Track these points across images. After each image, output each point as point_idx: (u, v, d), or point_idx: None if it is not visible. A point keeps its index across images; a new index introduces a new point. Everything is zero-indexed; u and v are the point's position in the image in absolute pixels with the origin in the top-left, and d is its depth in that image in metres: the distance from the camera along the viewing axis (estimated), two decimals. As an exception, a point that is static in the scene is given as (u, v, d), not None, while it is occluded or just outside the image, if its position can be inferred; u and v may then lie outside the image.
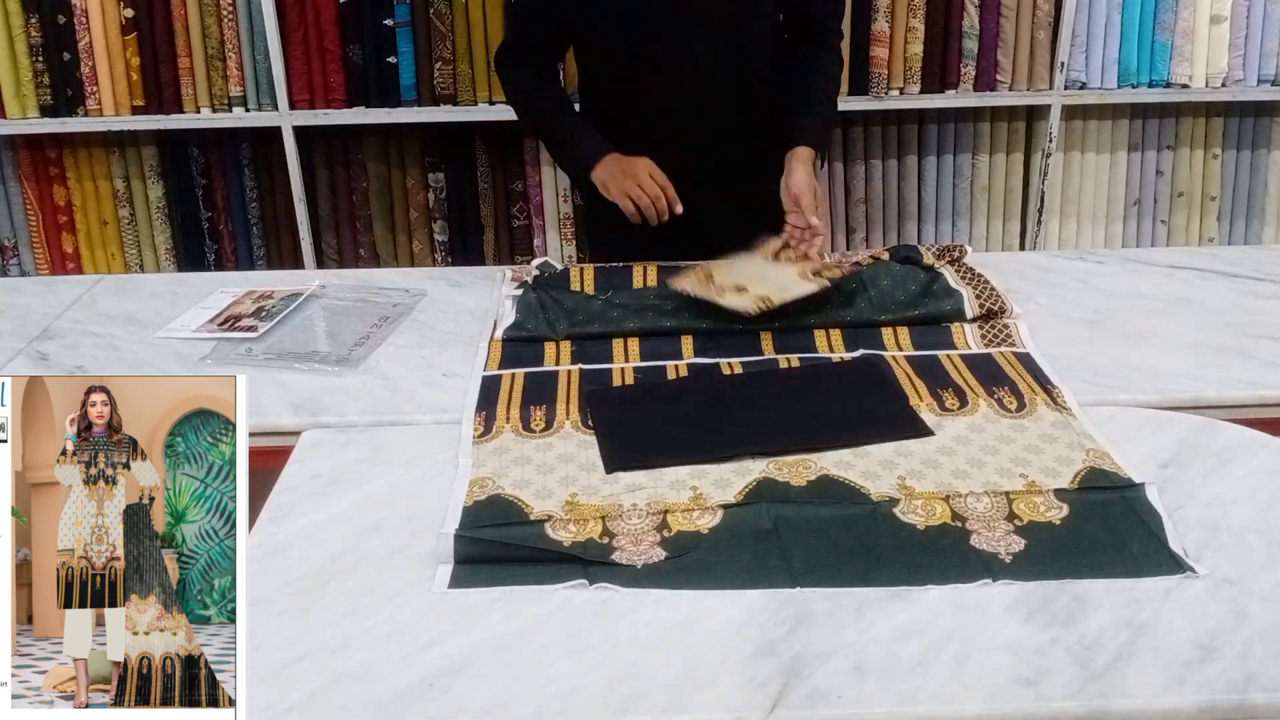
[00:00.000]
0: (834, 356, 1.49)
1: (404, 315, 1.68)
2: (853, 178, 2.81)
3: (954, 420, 1.31)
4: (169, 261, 2.86)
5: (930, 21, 2.64)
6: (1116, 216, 2.87)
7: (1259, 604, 1.00)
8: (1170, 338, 1.54)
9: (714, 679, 0.93)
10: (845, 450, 1.24)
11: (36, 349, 1.60)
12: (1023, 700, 0.90)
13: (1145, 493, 1.15)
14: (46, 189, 2.82)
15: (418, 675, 0.94)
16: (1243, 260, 1.83)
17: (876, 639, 0.96)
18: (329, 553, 1.11)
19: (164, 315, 1.70)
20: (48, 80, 2.65)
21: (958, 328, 1.55)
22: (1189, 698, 0.90)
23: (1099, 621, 0.98)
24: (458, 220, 2.84)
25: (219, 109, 2.68)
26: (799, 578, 1.04)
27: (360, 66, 2.65)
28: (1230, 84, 2.69)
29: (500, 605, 1.02)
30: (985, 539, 1.09)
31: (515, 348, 1.53)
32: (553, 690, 0.92)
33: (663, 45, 1.75)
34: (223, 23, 2.62)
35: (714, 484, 1.19)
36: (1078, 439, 1.26)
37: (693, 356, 1.50)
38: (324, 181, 2.82)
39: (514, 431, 1.32)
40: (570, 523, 1.13)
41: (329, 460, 1.29)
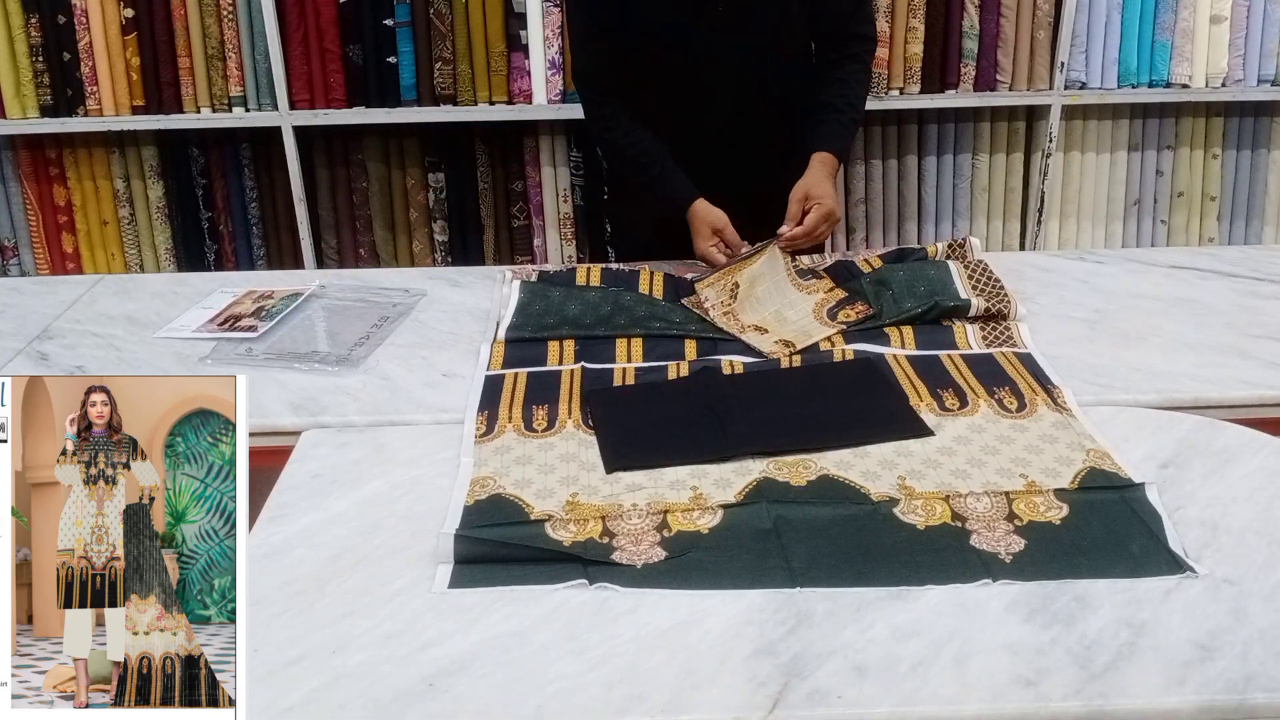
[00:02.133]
0: (835, 352, 1.49)
1: (404, 315, 1.68)
2: (853, 178, 2.81)
3: (954, 420, 1.31)
4: (169, 261, 2.86)
5: (930, 21, 2.64)
6: (1116, 216, 2.87)
7: (1259, 604, 1.00)
8: (1170, 338, 1.54)
9: (714, 679, 0.93)
10: (845, 450, 1.24)
11: (36, 349, 1.60)
12: (1023, 700, 0.90)
13: (1145, 493, 1.15)
14: (46, 189, 2.82)
15: (418, 675, 0.94)
16: (1243, 260, 1.83)
17: (876, 639, 0.96)
18: (329, 553, 1.11)
19: (164, 315, 1.70)
20: (48, 80, 2.64)
21: (959, 327, 1.55)
22: (1189, 698, 0.90)
23: (1099, 621, 0.98)
24: (458, 220, 2.84)
25: (219, 109, 2.68)
26: (799, 578, 1.04)
27: (360, 66, 2.64)
28: (1230, 84, 2.69)
29: (500, 605, 1.02)
30: (985, 539, 1.09)
31: (518, 347, 1.53)
32: (553, 690, 0.92)
33: (700, 54, 1.76)
34: (223, 23, 2.62)
35: (714, 484, 1.19)
36: (1078, 439, 1.26)
37: (695, 356, 1.50)
38: (324, 181, 2.82)
39: (516, 431, 1.32)
40: (570, 522, 1.13)
41: (329, 460, 1.29)
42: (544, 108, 2.67)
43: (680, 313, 1.60)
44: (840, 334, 1.55)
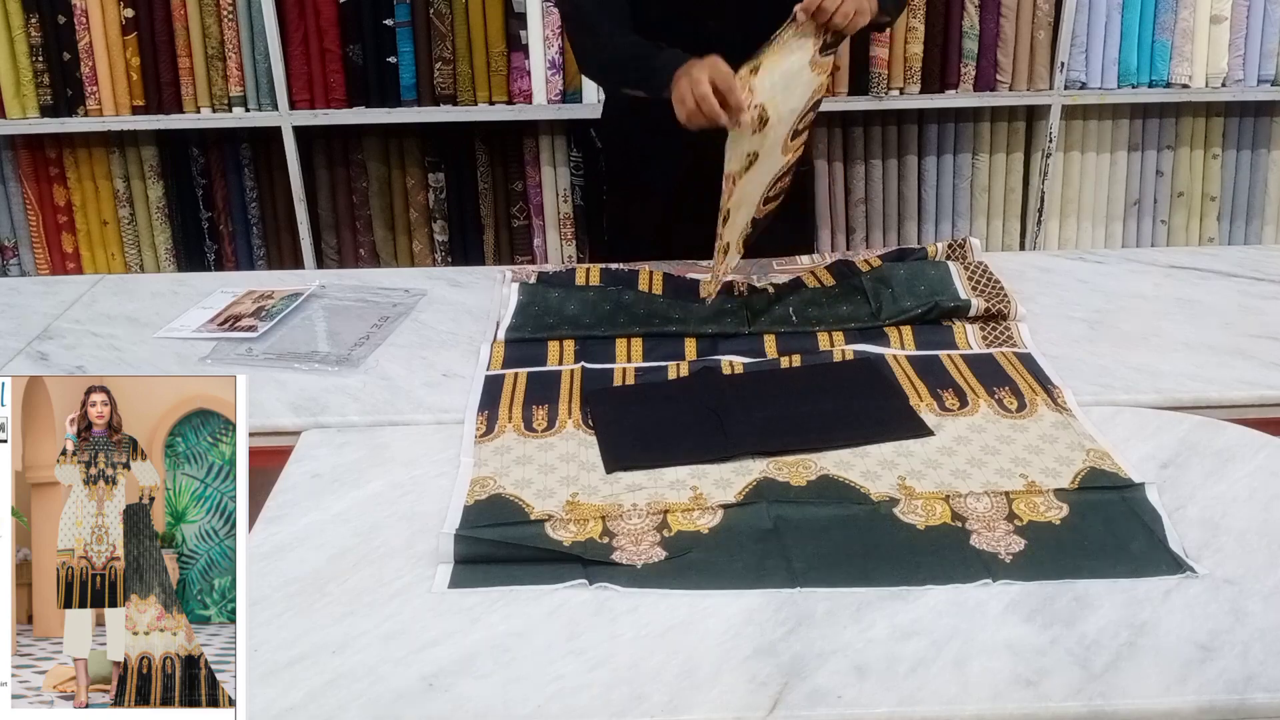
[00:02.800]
0: (835, 353, 1.49)
1: (404, 315, 1.68)
2: (853, 178, 2.81)
3: (954, 420, 1.31)
4: (169, 261, 2.86)
5: (930, 21, 2.64)
6: (1116, 216, 2.87)
7: (1259, 604, 1.00)
8: (1170, 338, 1.54)
9: (714, 679, 0.93)
10: (845, 450, 1.24)
11: (36, 349, 1.60)
12: (1023, 700, 0.90)
13: (1145, 493, 1.15)
14: (46, 189, 2.82)
15: (418, 675, 0.94)
16: (1243, 260, 1.83)
17: (876, 639, 0.96)
18: (329, 553, 1.11)
19: (164, 315, 1.70)
20: (48, 80, 2.65)
21: (959, 327, 1.55)
22: (1189, 698, 0.90)
23: (1099, 621, 0.98)
24: (458, 220, 2.84)
25: (219, 109, 2.68)
26: (799, 578, 1.04)
27: (360, 66, 2.65)
28: (1230, 84, 2.69)
29: (500, 605, 1.02)
30: (985, 539, 1.09)
31: (518, 348, 1.53)
32: (553, 690, 0.92)
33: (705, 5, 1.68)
34: (223, 23, 2.62)
35: (714, 484, 1.19)
36: (1078, 439, 1.26)
37: (695, 357, 1.50)
38: (324, 181, 2.82)
39: (516, 431, 1.32)
40: (570, 522, 1.13)
41: (329, 460, 1.29)
42: (544, 108, 2.67)
43: (680, 309, 1.60)
44: (841, 333, 1.55)
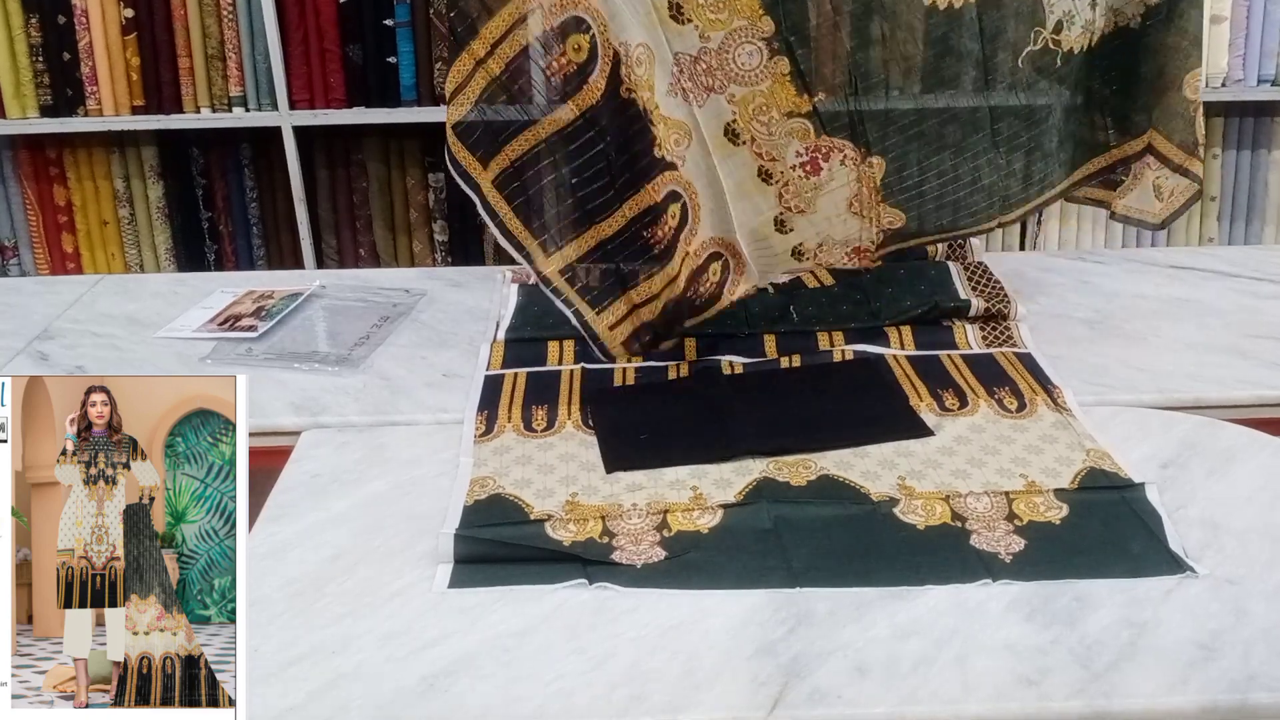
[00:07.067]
0: (835, 353, 1.49)
1: (404, 315, 1.68)
2: (853, 178, 2.81)
3: (954, 420, 1.31)
4: (169, 261, 2.86)
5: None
6: (1117, 217, 2.87)
7: (1260, 604, 0.99)
8: (1170, 338, 1.54)
9: (714, 679, 0.93)
10: (845, 450, 1.24)
11: (36, 349, 1.60)
12: (1024, 700, 0.90)
13: (1145, 493, 1.15)
14: (46, 189, 2.82)
15: (418, 675, 0.94)
16: (1243, 260, 1.83)
17: (876, 639, 0.96)
18: (329, 553, 1.11)
19: (164, 315, 1.70)
20: (48, 80, 2.64)
21: (959, 327, 1.55)
22: (1191, 698, 0.90)
23: (1100, 621, 0.98)
24: (458, 220, 2.84)
25: (219, 109, 2.68)
26: (799, 578, 1.04)
27: (360, 66, 2.64)
28: (1230, 84, 2.68)
29: (500, 605, 1.02)
30: (985, 539, 1.09)
31: (517, 348, 1.53)
32: (553, 690, 0.92)
33: None
34: (223, 23, 2.61)
35: (714, 484, 1.19)
36: (1078, 439, 1.26)
37: (695, 357, 1.50)
38: (324, 182, 2.82)
39: (515, 431, 1.32)
40: (570, 522, 1.13)
41: (329, 460, 1.29)
42: (544, 108, 2.66)
43: None
44: (841, 333, 1.55)
